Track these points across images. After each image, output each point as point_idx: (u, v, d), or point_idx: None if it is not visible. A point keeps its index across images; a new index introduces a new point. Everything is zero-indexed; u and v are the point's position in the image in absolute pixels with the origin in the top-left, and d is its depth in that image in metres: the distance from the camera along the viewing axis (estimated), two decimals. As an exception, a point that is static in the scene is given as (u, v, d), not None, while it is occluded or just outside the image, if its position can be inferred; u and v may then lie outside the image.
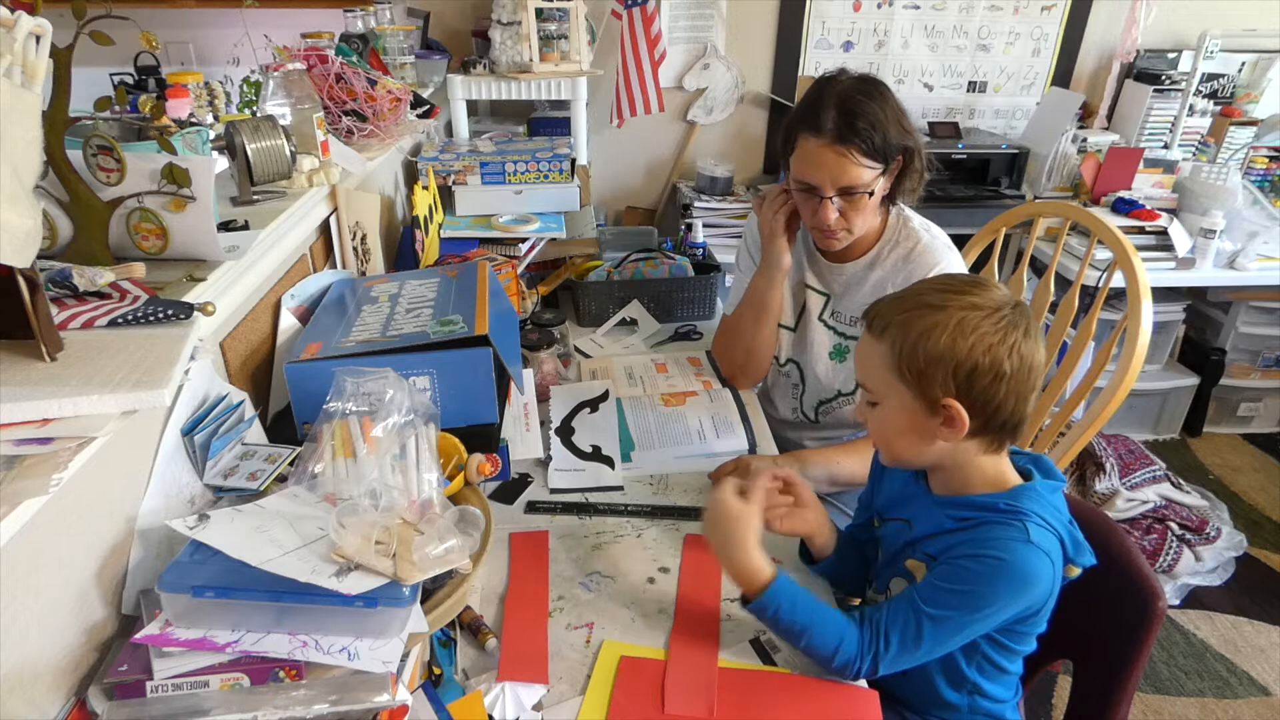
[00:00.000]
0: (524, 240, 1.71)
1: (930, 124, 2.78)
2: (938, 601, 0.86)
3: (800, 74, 2.85)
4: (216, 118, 1.32)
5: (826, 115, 1.17)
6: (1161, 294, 2.49)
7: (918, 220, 1.34)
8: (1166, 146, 2.79)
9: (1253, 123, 2.75)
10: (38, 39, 0.67)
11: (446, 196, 1.78)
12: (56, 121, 0.79)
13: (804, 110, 1.21)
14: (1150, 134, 2.78)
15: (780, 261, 1.35)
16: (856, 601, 1.09)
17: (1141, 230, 2.45)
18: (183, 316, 0.79)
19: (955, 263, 1.29)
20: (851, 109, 1.16)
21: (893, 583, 0.98)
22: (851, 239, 1.29)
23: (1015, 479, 0.92)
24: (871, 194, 1.21)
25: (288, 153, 1.16)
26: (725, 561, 0.93)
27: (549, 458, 1.26)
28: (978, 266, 1.84)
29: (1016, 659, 0.98)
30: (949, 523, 0.91)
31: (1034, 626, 0.94)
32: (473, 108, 2.38)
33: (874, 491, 1.08)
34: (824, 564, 1.06)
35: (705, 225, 2.42)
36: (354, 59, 1.61)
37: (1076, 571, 0.90)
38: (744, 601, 0.92)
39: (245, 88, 1.39)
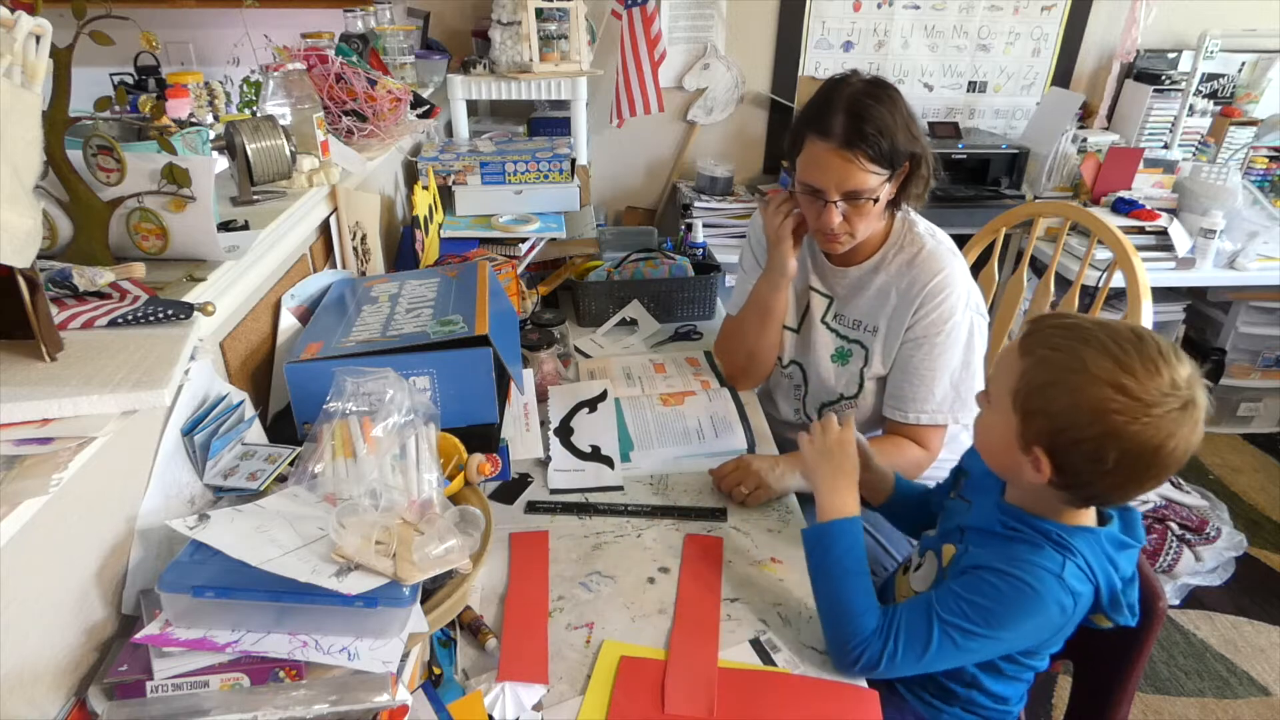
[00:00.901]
0: (524, 240, 1.71)
1: (930, 124, 2.78)
2: (952, 608, 0.87)
3: (800, 74, 2.85)
4: (216, 118, 1.32)
5: (835, 119, 1.16)
6: (1161, 294, 2.49)
7: (923, 225, 1.33)
8: (1166, 146, 2.79)
9: (1253, 123, 2.75)
10: (38, 39, 0.67)
11: (446, 196, 1.78)
12: (56, 121, 0.79)
13: (812, 112, 1.20)
14: (1150, 134, 2.78)
15: (785, 267, 1.35)
16: None
17: (1141, 230, 2.45)
18: (183, 316, 0.79)
19: (959, 269, 1.28)
20: (860, 113, 1.15)
21: (927, 555, 1.00)
22: (854, 243, 1.28)
23: (1086, 520, 0.90)
24: (876, 199, 1.21)
25: (288, 153, 1.16)
26: (828, 486, 0.99)
27: (549, 458, 1.26)
28: (978, 267, 1.85)
29: (1025, 670, 0.99)
30: (999, 527, 0.91)
31: (1046, 648, 0.95)
32: (473, 108, 2.38)
33: (967, 461, 1.07)
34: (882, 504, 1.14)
35: (705, 225, 2.42)
36: (354, 59, 1.61)
37: (1107, 624, 0.90)
38: (811, 530, 0.97)
39: (245, 88, 1.39)
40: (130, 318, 0.77)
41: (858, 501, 0.99)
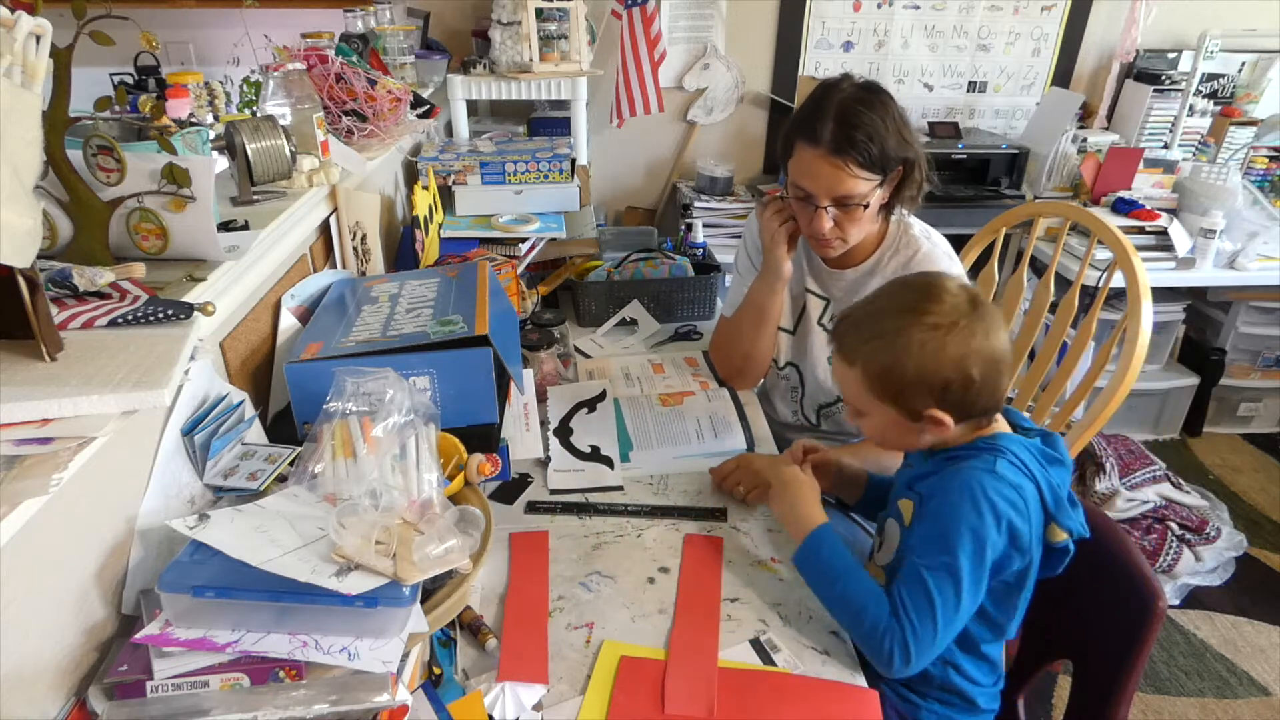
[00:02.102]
0: (524, 240, 1.71)
1: (930, 124, 2.78)
2: (927, 551, 0.91)
3: (800, 74, 2.85)
4: (216, 118, 1.32)
5: (824, 125, 1.16)
6: (1161, 294, 2.49)
7: (919, 227, 1.33)
8: (1166, 146, 2.79)
9: (1253, 123, 2.75)
10: (38, 39, 0.67)
11: (446, 196, 1.78)
12: (56, 121, 0.79)
13: (803, 118, 1.20)
14: (1150, 134, 2.78)
15: (781, 269, 1.34)
16: None
17: (1141, 230, 2.45)
18: (183, 316, 0.79)
19: (955, 272, 1.28)
20: (850, 120, 1.14)
21: (888, 524, 1.03)
22: (847, 247, 1.28)
23: (1003, 429, 0.98)
24: (867, 205, 1.20)
25: (288, 153, 1.16)
26: (792, 517, 1.02)
27: (549, 458, 1.26)
28: (978, 266, 1.85)
29: (995, 644, 1.01)
30: (935, 464, 0.98)
31: (1019, 585, 0.95)
32: (473, 108, 2.38)
33: None
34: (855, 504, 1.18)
35: (705, 225, 2.42)
36: (354, 59, 1.61)
37: (1062, 536, 0.93)
38: (797, 554, 0.99)
39: (245, 88, 1.39)
40: (130, 318, 0.77)
41: (821, 511, 1.02)
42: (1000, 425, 0.99)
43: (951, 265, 1.29)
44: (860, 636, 0.92)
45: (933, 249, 1.29)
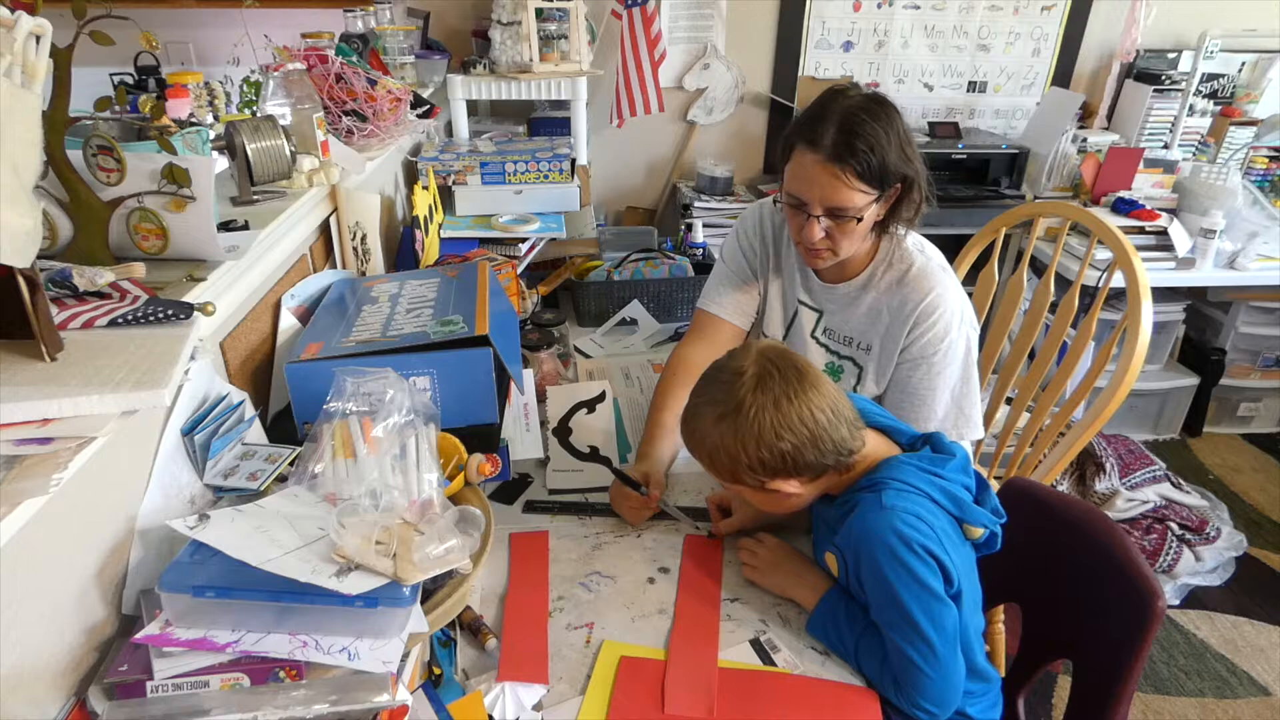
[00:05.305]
0: (524, 240, 1.71)
1: (930, 124, 2.78)
2: (884, 618, 0.90)
3: (800, 74, 2.85)
4: (216, 118, 1.32)
5: (826, 131, 1.11)
6: (1161, 294, 2.49)
7: (912, 240, 1.28)
8: (1166, 146, 2.79)
9: (1253, 123, 2.75)
10: (38, 39, 0.67)
11: (446, 196, 1.78)
12: (56, 121, 0.79)
13: (804, 122, 1.16)
14: (1150, 134, 2.78)
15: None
16: None
17: (1141, 230, 2.45)
18: (183, 316, 0.79)
19: (951, 285, 1.24)
20: (853, 128, 1.10)
21: (825, 560, 1.03)
22: (836, 260, 1.24)
23: (880, 453, 0.98)
24: (860, 219, 1.16)
25: (288, 153, 1.16)
26: (795, 587, 1.01)
27: (549, 458, 1.26)
28: (978, 266, 1.85)
29: (973, 650, 1.00)
30: (838, 510, 0.99)
31: (956, 599, 0.93)
32: (473, 108, 2.38)
33: None
34: None
35: (705, 225, 2.41)
36: (354, 59, 1.61)
37: (978, 533, 0.94)
38: (810, 624, 0.98)
39: (245, 88, 1.39)
40: (130, 318, 0.77)
41: (820, 576, 1.02)
42: (875, 450, 0.98)
43: (945, 278, 1.25)
44: (890, 698, 0.91)
45: (927, 263, 1.25)
